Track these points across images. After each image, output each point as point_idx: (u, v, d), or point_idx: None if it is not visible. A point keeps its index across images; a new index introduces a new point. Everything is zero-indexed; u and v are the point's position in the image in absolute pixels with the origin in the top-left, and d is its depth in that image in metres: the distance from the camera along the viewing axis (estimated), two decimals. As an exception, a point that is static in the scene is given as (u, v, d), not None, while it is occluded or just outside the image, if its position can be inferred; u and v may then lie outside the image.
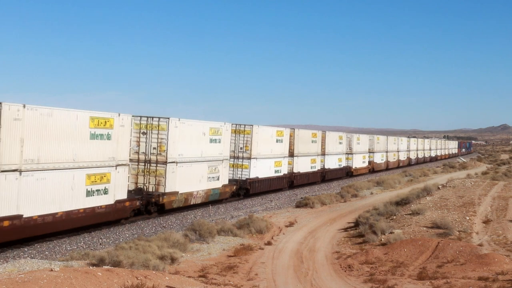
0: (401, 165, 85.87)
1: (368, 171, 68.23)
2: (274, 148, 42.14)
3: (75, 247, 21.46)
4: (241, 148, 38.35)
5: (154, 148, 29.15)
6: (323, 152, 53.49)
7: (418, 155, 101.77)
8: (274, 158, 42.20)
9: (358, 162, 64.85)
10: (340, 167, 58.79)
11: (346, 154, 61.23)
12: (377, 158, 72.70)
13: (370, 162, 69.71)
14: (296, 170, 46.90)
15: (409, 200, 31.08)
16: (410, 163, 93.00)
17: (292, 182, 46.40)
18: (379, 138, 75.11)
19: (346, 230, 26.90)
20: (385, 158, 76.95)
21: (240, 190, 37.92)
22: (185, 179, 30.48)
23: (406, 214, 27.08)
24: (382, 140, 76.07)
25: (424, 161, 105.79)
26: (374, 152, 71.43)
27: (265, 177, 40.59)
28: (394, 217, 27.24)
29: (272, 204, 36.50)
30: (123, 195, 26.12)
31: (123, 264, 16.11)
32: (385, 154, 76.92)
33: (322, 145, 53.16)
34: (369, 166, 69.15)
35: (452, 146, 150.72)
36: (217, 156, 33.94)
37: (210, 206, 31.02)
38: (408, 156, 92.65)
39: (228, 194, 36.07)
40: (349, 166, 61.79)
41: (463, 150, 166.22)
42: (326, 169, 54.46)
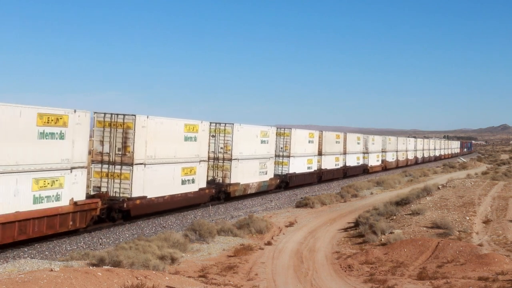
0: (409, 163, 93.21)
1: (381, 169, 75.41)
2: (307, 148, 49.40)
3: (75, 247, 21.56)
4: (281, 147, 45.50)
5: (221, 148, 36.24)
6: (344, 151, 60.72)
7: (424, 154, 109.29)
8: (307, 156, 49.40)
9: (373, 161, 72.11)
10: (358, 165, 66.07)
11: (363, 153, 68.49)
12: (388, 157, 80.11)
13: (383, 161, 77.02)
14: (324, 167, 54.07)
15: (409, 200, 30.87)
16: (417, 162, 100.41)
17: (320, 177, 53.54)
18: (391, 139, 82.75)
19: (346, 230, 26.87)
20: (395, 157, 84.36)
21: (281, 183, 44.99)
22: (244, 173, 37.60)
23: (406, 214, 26.96)
24: (393, 140, 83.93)
25: (429, 160, 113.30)
26: (386, 151, 78.86)
27: (300, 172, 47.77)
28: (394, 217, 27.13)
29: (272, 204, 37.31)
30: (204, 184, 33.25)
31: (123, 264, 16.04)
32: (395, 153, 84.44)
33: (344, 145, 60.40)
34: (382, 165, 76.38)
35: (454, 146, 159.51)
36: (265, 154, 41.10)
37: (210, 206, 32.76)
38: (415, 155, 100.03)
39: (273, 186, 43.17)
40: (365, 164, 68.95)
41: (465, 149, 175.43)
42: (347, 166, 61.69)
